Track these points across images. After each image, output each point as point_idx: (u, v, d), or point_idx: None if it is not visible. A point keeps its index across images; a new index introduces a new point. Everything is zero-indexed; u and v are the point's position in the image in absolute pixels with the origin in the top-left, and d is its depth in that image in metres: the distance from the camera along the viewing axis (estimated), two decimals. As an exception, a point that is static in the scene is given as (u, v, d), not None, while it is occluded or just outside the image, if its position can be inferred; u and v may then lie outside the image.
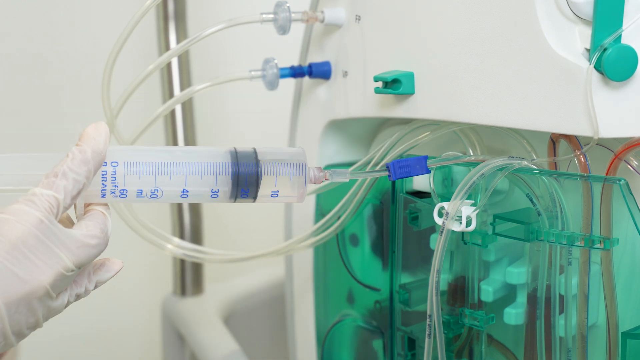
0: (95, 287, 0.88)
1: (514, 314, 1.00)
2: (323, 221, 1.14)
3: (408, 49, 1.04)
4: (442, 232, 0.97)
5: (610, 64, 0.90)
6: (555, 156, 0.97)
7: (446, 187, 1.03)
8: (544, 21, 0.93)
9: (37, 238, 0.81)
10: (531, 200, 0.96)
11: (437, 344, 0.99)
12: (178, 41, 1.50)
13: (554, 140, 0.97)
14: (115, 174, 0.88)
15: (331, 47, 1.14)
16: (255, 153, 0.93)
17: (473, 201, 0.98)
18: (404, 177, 0.97)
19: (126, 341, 1.84)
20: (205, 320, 1.48)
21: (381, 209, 1.11)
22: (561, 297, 0.96)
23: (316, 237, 1.14)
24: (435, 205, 0.98)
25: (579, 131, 0.92)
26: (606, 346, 0.95)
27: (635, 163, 0.94)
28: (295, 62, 1.17)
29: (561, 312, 0.97)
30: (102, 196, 0.89)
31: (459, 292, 1.03)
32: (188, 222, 1.52)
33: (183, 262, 1.54)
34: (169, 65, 1.49)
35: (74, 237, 0.84)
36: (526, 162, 0.97)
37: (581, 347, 0.96)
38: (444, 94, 1.01)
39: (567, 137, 0.96)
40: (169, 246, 1.18)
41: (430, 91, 1.02)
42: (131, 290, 1.81)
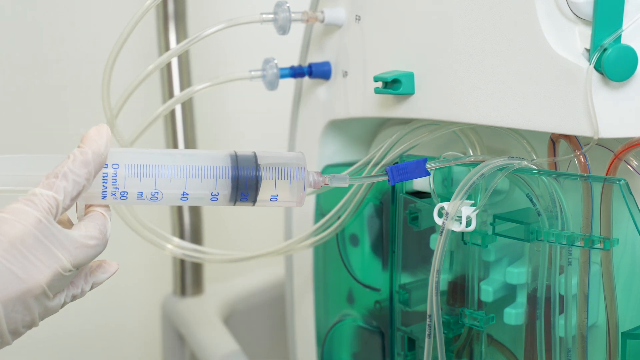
0: (92, 288, 0.89)
1: (514, 314, 1.00)
2: (323, 221, 1.14)
3: (408, 49, 1.04)
4: (442, 232, 0.97)
5: (610, 64, 0.90)
6: (555, 156, 0.97)
7: (446, 187, 1.03)
8: (544, 21, 0.93)
9: (36, 238, 0.81)
10: (531, 200, 0.96)
11: (437, 344, 0.99)
12: (178, 41, 1.50)
13: (554, 140, 0.97)
14: (116, 175, 0.89)
15: (331, 47, 1.14)
16: (255, 157, 0.93)
17: (473, 201, 0.98)
18: (403, 180, 0.98)
19: (126, 341, 1.84)
20: (205, 320, 1.48)
21: (381, 209, 1.11)
22: (561, 297, 0.96)
23: (316, 237, 1.14)
24: (435, 205, 0.98)
25: (579, 131, 0.92)
26: (606, 346, 0.95)
27: (635, 163, 0.94)
28: (295, 62, 1.17)
29: (561, 312, 0.97)
30: (102, 198, 0.89)
31: (459, 292, 1.03)
32: (188, 222, 1.52)
33: (183, 262, 1.55)
34: (169, 65, 1.49)
35: (73, 238, 0.84)
36: (526, 162, 0.97)
37: (581, 347, 0.96)
38: (444, 94, 1.01)
39: (567, 137, 0.96)
40: (169, 246, 1.18)
41: (430, 91, 1.02)
42: (131, 290, 1.81)
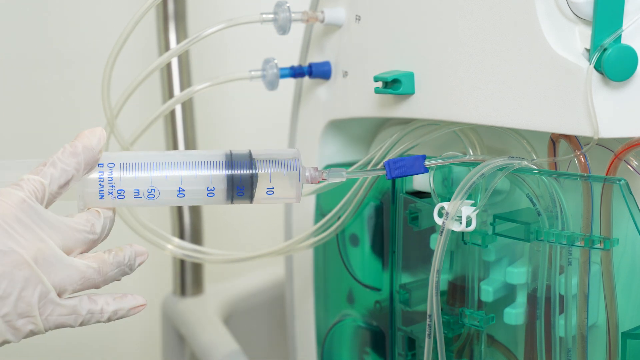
0: (115, 315, 0.91)
1: (514, 314, 1.00)
2: (323, 221, 1.14)
3: (408, 49, 1.04)
4: (442, 232, 0.97)
5: (610, 64, 0.90)
6: (555, 156, 0.97)
7: (446, 187, 1.03)
8: (544, 21, 0.93)
9: (17, 216, 0.85)
10: (531, 200, 0.96)
11: (437, 344, 0.99)
12: (178, 41, 1.50)
13: (554, 140, 0.97)
14: (112, 174, 0.91)
15: (331, 47, 1.14)
16: (250, 153, 0.94)
17: (473, 201, 0.98)
18: (401, 176, 0.98)
19: (126, 341, 1.84)
20: (205, 320, 1.47)
21: (381, 209, 1.11)
22: (561, 297, 0.96)
23: (316, 237, 1.14)
24: (435, 205, 0.98)
25: (579, 131, 0.92)
26: (606, 346, 0.95)
27: (635, 163, 0.94)
28: (295, 62, 1.17)
29: (561, 312, 0.97)
30: (100, 197, 0.91)
31: (459, 292, 1.03)
32: (188, 222, 1.52)
33: (183, 262, 1.54)
34: (169, 65, 1.49)
35: (60, 220, 0.88)
36: (526, 162, 0.97)
37: (581, 347, 0.96)
38: (444, 94, 1.01)
39: (567, 137, 0.96)
40: (169, 246, 1.18)
41: (430, 91, 1.02)
42: (131, 290, 1.81)
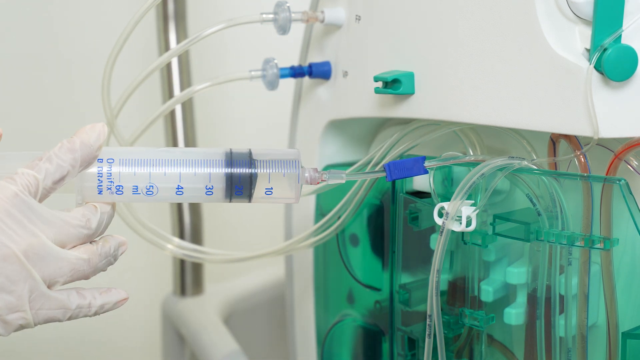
0: (102, 310, 0.91)
1: (514, 314, 1.00)
2: (323, 221, 1.14)
3: (408, 49, 1.04)
4: (442, 232, 0.97)
5: (610, 64, 0.90)
6: (555, 156, 0.97)
7: (446, 187, 1.03)
8: (544, 21, 0.93)
9: (8, 211, 0.84)
10: (531, 201, 0.97)
11: (437, 344, 0.99)
12: (178, 41, 1.50)
13: (554, 140, 0.97)
14: (110, 169, 0.91)
15: (331, 47, 1.14)
16: (250, 152, 0.94)
17: (473, 201, 0.98)
18: (401, 178, 0.98)
19: (126, 341, 1.84)
20: (205, 320, 1.47)
21: (381, 209, 1.11)
22: (561, 297, 0.96)
23: (316, 237, 1.14)
24: (435, 205, 0.98)
25: (579, 131, 0.92)
26: (606, 346, 0.95)
27: (635, 163, 0.94)
28: (295, 62, 1.17)
29: (561, 312, 0.97)
30: (98, 192, 0.91)
31: (458, 292, 1.03)
32: (188, 222, 1.52)
33: (183, 262, 1.54)
34: (169, 65, 1.49)
35: (54, 214, 0.87)
36: (526, 162, 0.97)
37: (581, 347, 0.96)
38: (444, 94, 1.01)
39: (567, 137, 0.96)
40: (169, 246, 1.18)
41: (430, 91, 1.02)
42: (131, 290, 1.80)
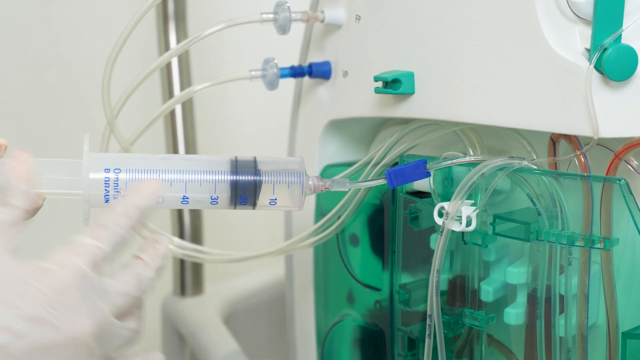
0: None
1: (514, 314, 1.00)
2: (323, 221, 1.14)
3: (408, 49, 1.04)
4: (442, 232, 0.97)
5: (610, 64, 0.90)
6: (555, 156, 0.97)
7: (446, 187, 1.03)
8: (544, 21, 0.93)
9: (80, 289, 0.80)
10: (531, 200, 0.96)
11: (437, 344, 0.99)
12: (178, 41, 1.49)
13: (554, 140, 0.97)
14: (117, 180, 0.91)
15: (331, 47, 1.14)
16: (255, 162, 0.95)
17: (473, 201, 0.98)
18: (402, 184, 0.98)
19: (126, 341, 1.83)
20: (205, 320, 1.47)
21: (381, 209, 1.11)
22: (561, 297, 0.96)
23: (316, 237, 1.14)
24: (435, 205, 0.98)
25: (579, 131, 0.92)
26: (606, 346, 0.95)
27: (635, 163, 0.94)
28: (295, 62, 1.17)
29: (561, 312, 0.97)
30: (105, 201, 0.91)
31: (458, 292, 1.03)
32: (188, 222, 1.52)
33: (183, 262, 1.54)
34: (169, 65, 1.49)
35: (110, 283, 0.83)
36: (526, 162, 0.97)
37: (581, 347, 0.96)
38: (444, 94, 1.01)
39: (567, 137, 0.96)
40: (169, 246, 1.18)
41: (430, 91, 1.02)
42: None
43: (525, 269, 0.99)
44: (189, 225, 1.52)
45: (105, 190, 0.91)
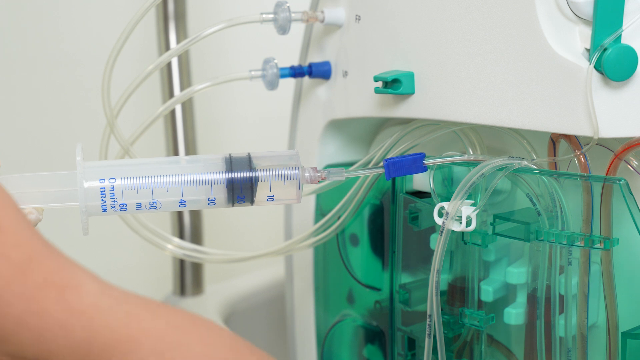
0: None
1: (514, 314, 1.00)
2: (323, 221, 1.14)
3: (408, 49, 1.04)
4: (442, 232, 0.97)
5: (610, 64, 0.90)
6: (555, 156, 0.97)
7: (446, 187, 1.03)
8: (544, 21, 0.93)
9: None
10: (531, 200, 0.96)
11: (437, 344, 0.99)
12: (178, 41, 1.50)
13: (554, 140, 0.97)
14: (113, 189, 0.91)
15: (331, 47, 1.14)
16: (249, 159, 0.95)
17: (473, 201, 0.98)
18: (399, 175, 0.98)
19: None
20: (205, 320, 1.47)
21: (381, 209, 1.11)
22: (561, 297, 0.96)
23: (316, 237, 1.14)
24: (435, 205, 0.98)
25: (579, 131, 0.92)
26: (606, 346, 0.95)
27: (635, 163, 0.94)
28: (295, 62, 1.17)
29: (561, 312, 0.97)
30: (103, 210, 0.92)
31: (458, 292, 1.03)
32: (188, 222, 1.52)
33: (183, 262, 1.54)
34: (169, 65, 1.49)
35: None
36: (526, 162, 0.97)
37: (581, 347, 0.96)
38: (444, 94, 1.01)
39: (567, 137, 0.96)
40: (169, 246, 1.18)
41: (430, 91, 1.02)
42: (131, 290, 1.81)
43: (525, 269, 0.99)
44: (189, 225, 1.52)
45: (102, 200, 0.91)
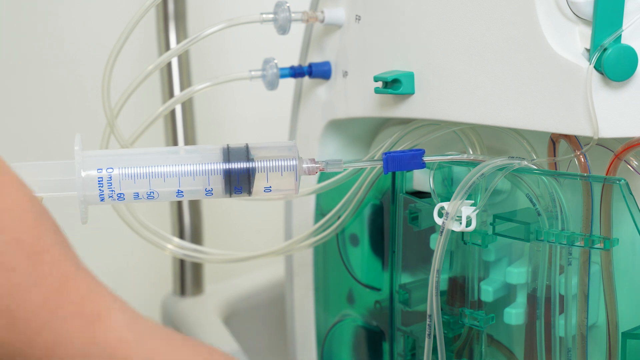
0: None
1: (514, 314, 1.00)
2: (323, 221, 1.14)
3: (408, 49, 1.04)
4: (442, 232, 0.97)
5: (610, 64, 0.90)
6: (555, 156, 0.97)
7: (446, 187, 1.03)
8: (544, 21, 0.93)
9: None
10: (531, 200, 0.96)
11: (437, 344, 0.99)
12: (178, 41, 1.50)
13: (554, 140, 0.97)
14: (110, 179, 0.91)
15: (331, 47, 1.14)
16: (247, 149, 0.95)
17: (473, 201, 0.98)
18: (398, 170, 0.98)
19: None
20: (205, 320, 1.47)
21: (381, 209, 1.11)
22: (561, 297, 0.96)
23: (316, 237, 1.14)
24: (435, 205, 0.98)
25: (579, 131, 0.92)
26: (606, 346, 0.95)
27: (635, 163, 0.94)
28: (295, 62, 1.17)
29: (561, 312, 0.97)
30: (100, 200, 0.92)
31: (458, 292, 1.03)
32: (188, 222, 1.52)
33: (183, 262, 1.54)
34: (169, 65, 1.49)
35: None
36: (526, 162, 0.97)
37: (581, 347, 0.96)
38: (444, 94, 1.01)
39: (567, 137, 0.96)
40: (169, 246, 1.18)
41: (430, 91, 1.02)
42: (131, 291, 1.81)
43: (525, 269, 0.99)
44: (189, 225, 1.52)
45: (100, 190, 0.91)
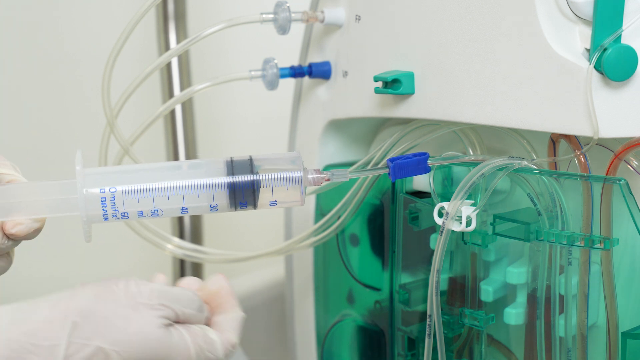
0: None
1: (514, 314, 1.00)
2: (323, 221, 1.14)
3: (408, 49, 1.04)
4: (442, 232, 0.97)
5: (610, 64, 0.90)
6: (555, 156, 0.97)
7: (446, 187, 1.03)
8: (544, 21, 0.93)
9: None
10: (532, 200, 0.96)
11: (437, 344, 0.99)
12: (178, 41, 1.50)
13: (554, 140, 0.97)
14: (114, 199, 0.89)
15: (331, 47, 1.14)
16: (251, 163, 0.93)
17: (473, 201, 0.98)
18: (404, 177, 0.97)
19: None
20: (205, 320, 1.47)
21: (381, 209, 1.11)
22: (561, 297, 0.96)
23: (316, 237, 1.14)
24: (435, 205, 0.98)
25: (579, 131, 0.92)
26: (606, 346, 0.95)
27: (635, 163, 0.94)
28: (295, 62, 1.17)
29: (561, 312, 0.97)
30: (104, 219, 0.90)
31: (458, 292, 1.03)
32: (188, 222, 1.52)
33: (183, 262, 1.54)
34: (169, 65, 1.49)
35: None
36: (526, 162, 0.97)
37: (581, 347, 0.96)
38: (444, 94, 1.01)
39: (567, 137, 0.96)
40: (169, 246, 1.18)
41: (430, 91, 1.02)
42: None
43: (525, 269, 0.99)
44: (189, 225, 1.52)
45: (104, 210, 0.89)
